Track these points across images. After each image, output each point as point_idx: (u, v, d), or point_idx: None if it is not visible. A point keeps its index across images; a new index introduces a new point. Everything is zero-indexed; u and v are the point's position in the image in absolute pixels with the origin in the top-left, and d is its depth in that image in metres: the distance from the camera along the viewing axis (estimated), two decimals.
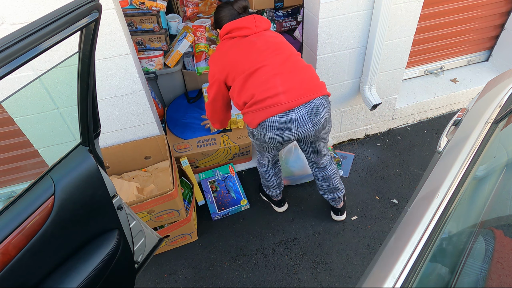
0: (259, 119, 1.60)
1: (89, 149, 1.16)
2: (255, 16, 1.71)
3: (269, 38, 1.70)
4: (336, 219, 2.22)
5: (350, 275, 1.98)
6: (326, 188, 2.06)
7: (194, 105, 2.60)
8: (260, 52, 1.63)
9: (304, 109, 1.59)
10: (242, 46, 1.67)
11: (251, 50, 1.64)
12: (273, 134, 1.63)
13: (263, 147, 1.81)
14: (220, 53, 1.71)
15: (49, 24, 0.75)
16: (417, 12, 2.13)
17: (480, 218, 1.02)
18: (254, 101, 1.59)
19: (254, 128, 1.67)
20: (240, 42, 1.68)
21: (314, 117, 1.62)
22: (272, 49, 1.65)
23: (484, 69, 3.04)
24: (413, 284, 0.77)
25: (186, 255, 2.11)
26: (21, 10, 1.44)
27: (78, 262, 1.13)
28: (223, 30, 1.72)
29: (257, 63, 1.61)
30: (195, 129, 2.44)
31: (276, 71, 1.60)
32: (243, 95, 1.63)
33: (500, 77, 1.46)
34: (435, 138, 2.77)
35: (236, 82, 1.64)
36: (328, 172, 1.99)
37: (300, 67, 1.66)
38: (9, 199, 1.45)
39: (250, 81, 1.61)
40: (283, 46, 1.69)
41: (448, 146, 1.21)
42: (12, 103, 1.70)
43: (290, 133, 1.63)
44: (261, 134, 1.67)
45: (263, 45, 1.65)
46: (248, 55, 1.63)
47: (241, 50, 1.66)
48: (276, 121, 1.59)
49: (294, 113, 1.58)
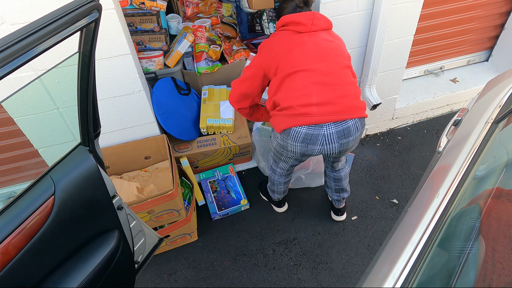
0: (285, 125, 1.54)
1: (89, 149, 1.16)
2: (314, 14, 1.60)
3: (322, 41, 1.57)
4: (336, 219, 2.22)
5: (350, 275, 1.98)
6: (334, 187, 2.06)
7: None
8: (306, 54, 1.53)
9: (334, 128, 1.50)
10: (291, 43, 1.57)
11: (298, 50, 1.54)
12: (297, 144, 1.56)
13: (281, 154, 1.75)
14: (271, 42, 1.63)
15: (49, 24, 0.75)
16: (417, 12, 2.13)
17: (480, 218, 1.02)
18: (285, 106, 1.52)
19: (279, 132, 1.61)
20: (291, 38, 1.58)
21: (343, 138, 1.52)
22: (319, 54, 1.53)
23: (484, 69, 3.04)
24: (413, 284, 0.77)
25: (186, 255, 2.11)
26: (21, 10, 1.44)
27: (78, 262, 1.13)
28: (280, 21, 1.65)
29: (298, 65, 1.51)
30: (179, 120, 2.31)
31: (316, 79, 1.50)
32: (277, 95, 1.56)
33: (500, 77, 1.46)
34: (435, 138, 2.77)
35: (276, 79, 1.57)
36: (340, 174, 1.99)
37: (344, 81, 1.53)
38: (9, 199, 1.45)
39: (286, 83, 1.53)
40: (333, 54, 1.56)
41: (448, 146, 1.21)
42: (12, 103, 1.70)
43: (313, 148, 1.55)
44: (284, 141, 1.61)
45: (311, 47, 1.54)
46: (293, 54, 1.54)
47: (289, 47, 1.56)
48: (302, 132, 1.51)
49: (322, 129, 1.49)
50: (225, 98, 2.49)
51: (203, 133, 2.41)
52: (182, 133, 2.28)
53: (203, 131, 2.39)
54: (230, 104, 1.81)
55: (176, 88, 2.42)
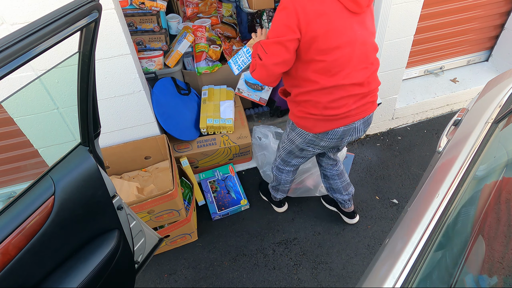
0: (324, 128, 1.53)
1: (89, 149, 1.16)
2: None
3: (368, 37, 1.41)
4: (350, 223, 2.20)
5: (350, 275, 1.98)
6: (341, 185, 2.04)
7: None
8: (351, 59, 1.38)
9: (362, 120, 1.58)
10: (342, 31, 1.33)
11: (346, 50, 1.35)
12: (333, 140, 1.60)
13: (302, 150, 1.72)
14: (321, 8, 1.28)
15: (49, 24, 0.75)
16: (417, 12, 2.13)
17: (480, 218, 1.02)
18: (321, 112, 1.47)
19: (312, 133, 1.57)
20: (343, 20, 1.32)
21: (367, 126, 1.63)
22: (363, 59, 1.42)
23: (484, 69, 3.04)
24: (413, 284, 0.77)
25: (186, 255, 2.11)
26: (21, 10, 1.44)
27: (78, 262, 1.13)
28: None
29: (342, 66, 1.38)
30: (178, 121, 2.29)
31: (354, 91, 1.45)
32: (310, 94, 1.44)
33: (500, 77, 1.46)
34: (435, 138, 2.77)
35: (304, 69, 1.39)
36: (340, 166, 2.01)
37: (373, 79, 1.50)
38: (9, 199, 1.45)
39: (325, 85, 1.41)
40: (372, 55, 1.46)
41: (448, 146, 1.21)
42: (12, 103, 1.70)
43: (345, 140, 1.62)
44: (318, 138, 1.60)
45: (358, 51, 1.38)
46: (340, 52, 1.35)
47: (337, 37, 1.32)
48: (340, 131, 1.56)
49: (355, 124, 1.57)
50: (225, 98, 2.49)
51: (203, 133, 2.41)
52: (182, 133, 2.29)
53: (203, 131, 2.39)
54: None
55: (176, 88, 2.42)
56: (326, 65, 1.38)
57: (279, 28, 1.33)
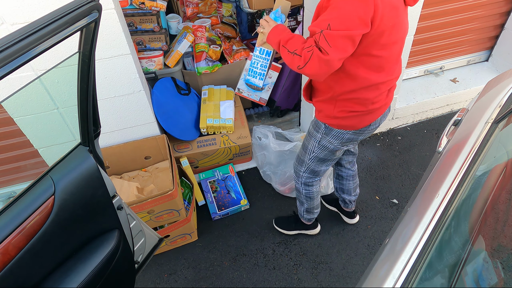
0: (368, 122, 1.48)
1: (89, 149, 1.16)
2: None
3: (405, 32, 1.34)
4: (351, 223, 2.20)
5: (350, 275, 1.98)
6: (352, 186, 2.02)
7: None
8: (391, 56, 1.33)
9: None
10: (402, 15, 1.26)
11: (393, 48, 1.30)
12: (371, 131, 1.56)
13: (335, 152, 1.61)
14: None
15: (49, 24, 0.75)
16: (417, 12, 2.13)
17: (480, 218, 1.02)
18: (368, 108, 1.43)
19: (355, 130, 1.50)
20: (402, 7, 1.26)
21: (388, 113, 1.62)
22: (398, 56, 1.39)
23: (484, 69, 3.04)
24: (413, 284, 0.77)
25: (186, 255, 2.11)
26: (21, 10, 1.44)
27: (78, 262, 1.13)
28: None
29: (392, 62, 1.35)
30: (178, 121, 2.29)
31: (393, 83, 1.46)
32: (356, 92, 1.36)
33: (500, 77, 1.46)
34: (435, 138, 2.77)
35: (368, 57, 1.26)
36: (355, 166, 1.99)
37: (399, 69, 1.48)
38: (9, 199, 1.45)
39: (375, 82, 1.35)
40: (402, 45, 1.40)
41: (448, 146, 1.21)
42: (12, 103, 1.70)
43: (372, 131, 1.57)
44: (357, 134, 1.52)
45: (398, 47, 1.34)
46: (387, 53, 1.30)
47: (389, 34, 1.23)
48: (378, 120, 1.53)
49: (387, 110, 1.59)
50: (225, 98, 2.49)
51: (203, 133, 2.41)
52: (182, 133, 2.29)
53: (203, 131, 2.40)
54: None
55: (176, 88, 2.42)
56: (380, 60, 1.29)
57: (351, 20, 1.13)
